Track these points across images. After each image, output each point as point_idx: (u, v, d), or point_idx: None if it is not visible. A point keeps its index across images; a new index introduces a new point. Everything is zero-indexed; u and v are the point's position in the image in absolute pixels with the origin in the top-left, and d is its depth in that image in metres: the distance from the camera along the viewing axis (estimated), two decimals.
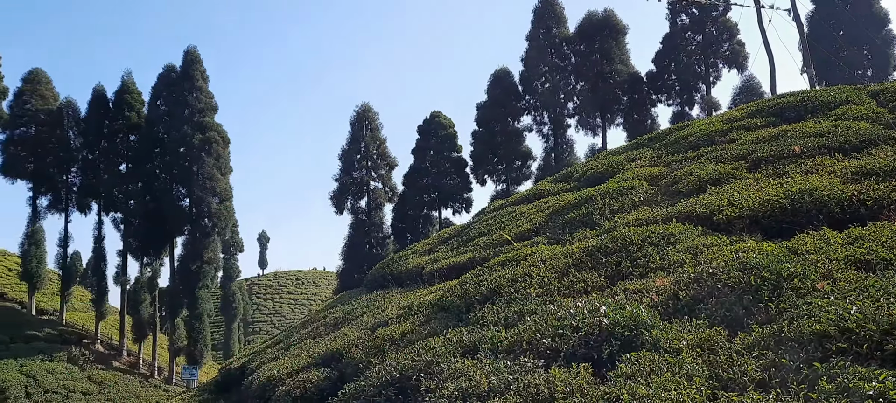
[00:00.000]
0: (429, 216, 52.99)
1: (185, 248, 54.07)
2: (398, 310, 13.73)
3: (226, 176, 55.23)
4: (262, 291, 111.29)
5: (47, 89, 61.58)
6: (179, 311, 52.91)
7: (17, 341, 48.57)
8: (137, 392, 46.12)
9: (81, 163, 59.48)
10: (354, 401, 9.26)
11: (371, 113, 54.85)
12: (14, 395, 40.43)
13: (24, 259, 57.19)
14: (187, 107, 54.65)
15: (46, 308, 58.86)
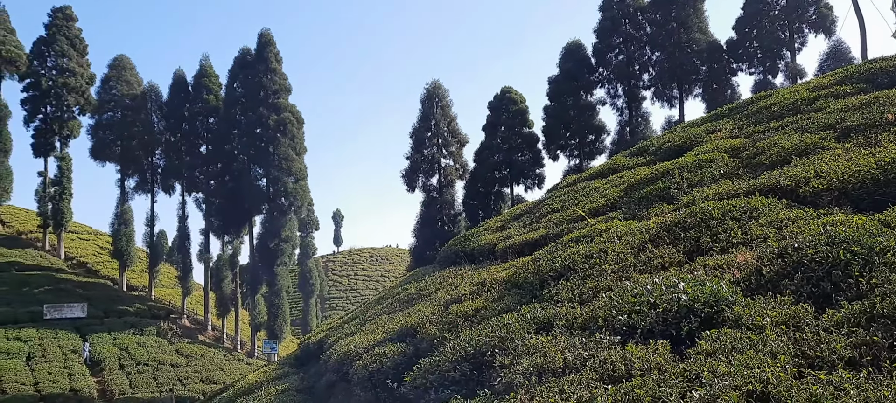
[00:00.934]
0: (500, 192, 52.79)
1: (263, 227, 55.77)
2: (471, 287, 13.75)
3: (300, 155, 56.47)
4: (338, 268, 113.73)
5: (132, 75, 64.30)
6: (259, 288, 54.68)
7: (111, 315, 51.31)
8: (222, 364, 48.04)
9: (164, 145, 61.99)
10: (430, 376, 9.34)
11: (441, 90, 54.85)
12: (109, 367, 42.81)
13: (114, 238, 60.24)
14: (262, 88, 56.02)
15: (136, 284, 61.90)
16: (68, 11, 65.83)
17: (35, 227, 66.13)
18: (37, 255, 60.22)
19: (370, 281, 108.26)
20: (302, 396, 14.49)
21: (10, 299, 49.37)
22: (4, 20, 67.54)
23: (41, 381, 39.11)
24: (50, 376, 39.81)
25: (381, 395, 10.89)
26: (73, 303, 50.21)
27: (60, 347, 43.88)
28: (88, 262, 63.95)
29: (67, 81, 63.58)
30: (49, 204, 61.55)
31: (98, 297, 53.86)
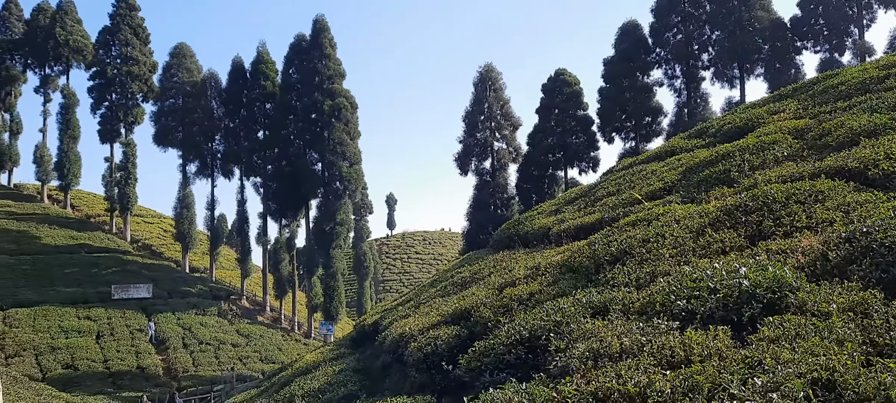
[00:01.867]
0: (554, 176, 52.34)
1: (318, 210, 56.68)
2: (525, 271, 13.71)
3: (354, 140, 57.04)
4: (391, 251, 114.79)
5: (192, 62, 65.93)
6: (315, 270, 55.66)
7: (174, 296, 53.03)
8: (280, 344, 49.18)
9: (224, 131, 63.46)
10: (484, 359, 9.38)
11: (494, 73, 54.58)
12: (173, 345, 44.31)
13: (177, 221, 62.13)
14: (317, 74, 56.70)
15: (198, 266, 63.75)
16: (131, 1, 67.71)
17: (103, 211, 68.66)
18: (105, 238, 62.58)
19: (423, 264, 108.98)
20: (358, 376, 14.73)
21: (81, 280, 51.48)
22: (71, 11, 69.98)
23: (110, 358, 40.75)
24: (118, 353, 41.44)
25: (436, 377, 10.98)
26: (139, 284, 52.08)
27: (127, 326, 45.60)
28: (153, 244, 66.14)
29: (131, 69, 65.57)
30: (115, 188, 63.79)
31: (162, 278, 55.71)
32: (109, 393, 34.60)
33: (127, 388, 36.79)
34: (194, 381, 39.47)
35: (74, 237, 59.94)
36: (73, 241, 58.85)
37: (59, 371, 37.93)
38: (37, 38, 68.34)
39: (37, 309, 44.43)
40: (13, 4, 72.72)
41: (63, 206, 69.01)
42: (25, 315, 43.30)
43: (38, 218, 61.82)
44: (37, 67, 70.76)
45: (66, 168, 65.18)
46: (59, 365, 38.58)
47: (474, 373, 9.57)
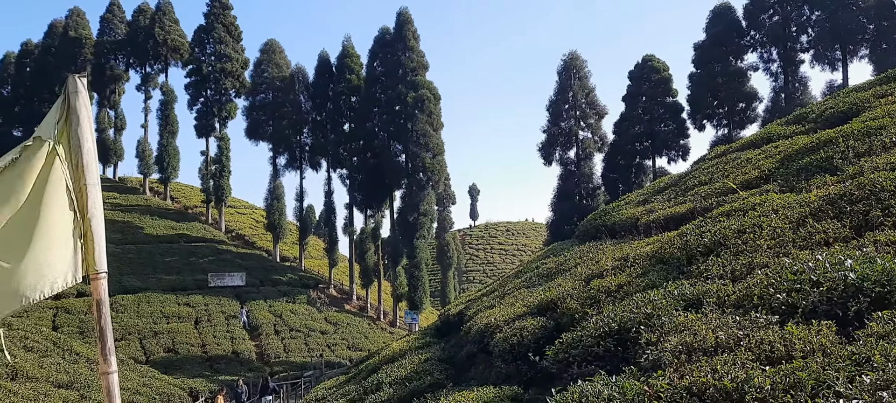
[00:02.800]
0: (641, 165, 51.12)
1: (402, 201, 57.41)
2: (613, 262, 13.44)
3: (437, 131, 57.40)
4: (475, 242, 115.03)
5: (281, 58, 67.91)
6: (400, 260, 56.45)
7: (266, 284, 54.96)
8: (366, 332, 50.21)
9: (311, 124, 65.12)
10: (572, 351, 9.26)
11: (579, 61, 53.72)
12: (265, 331, 45.97)
13: (268, 212, 64.29)
14: (400, 66, 57.32)
15: (288, 255, 65.79)
16: (224, 0, 70.32)
17: (199, 202, 71.82)
18: (201, 228, 65.48)
19: (506, 254, 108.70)
20: (443, 365, 14.83)
21: (180, 268, 54.09)
22: (169, 11, 73.38)
23: (207, 343, 42.68)
24: (214, 339, 43.34)
25: (522, 368, 10.92)
26: (233, 272, 54.27)
27: (223, 312, 47.61)
28: (246, 234, 68.72)
29: (224, 66, 68.15)
30: (211, 181, 66.60)
31: (254, 267, 57.84)
32: (207, 376, 36.24)
33: (223, 372, 38.42)
34: (285, 366, 40.82)
35: (174, 227, 62.99)
36: (172, 231, 61.85)
37: (161, 354, 40.04)
38: (138, 39, 72.05)
39: (140, 295, 47.01)
40: (116, 7, 76.93)
41: (163, 198, 72.60)
42: (130, 301, 45.85)
43: (140, 210, 65.26)
44: (138, 66, 74.67)
45: (166, 162, 68.57)
46: (161, 349, 40.71)
47: (562, 365, 9.46)
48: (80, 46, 75.38)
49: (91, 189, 3.69)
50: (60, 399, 19.26)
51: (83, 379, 21.97)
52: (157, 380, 29.01)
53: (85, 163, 3.69)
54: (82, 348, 26.73)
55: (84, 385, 21.42)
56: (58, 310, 42.11)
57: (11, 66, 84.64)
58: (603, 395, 6.88)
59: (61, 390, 20.25)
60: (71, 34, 76.05)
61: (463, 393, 10.22)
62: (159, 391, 26.81)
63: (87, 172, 3.68)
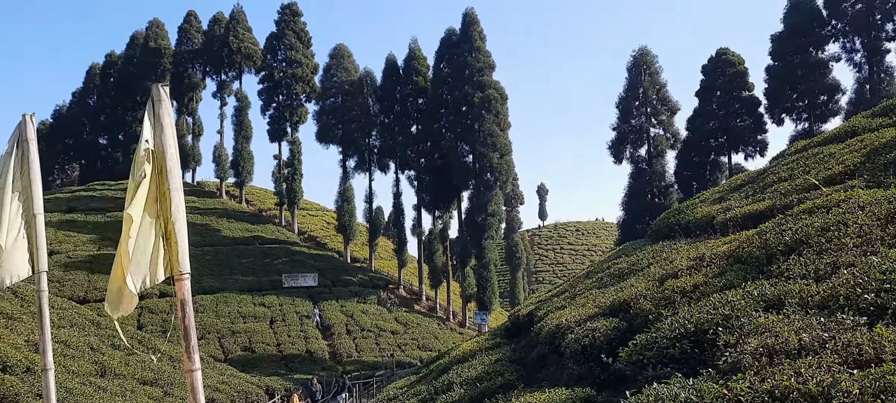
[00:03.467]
0: (716, 162, 49.65)
1: (470, 202, 57.44)
2: (688, 262, 13.10)
3: (505, 131, 57.21)
4: (543, 242, 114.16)
5: (349, 62, 69.03)
6: (468, 261, 56.52)
7: (337, 285, 55.96)
8: (436, 333, 50.49)
9: (379, 126, 65.92)
10: (646, 352, 9.07)
11: (649, 56, 52.61)
12: (337, 331, 46.81)
13: (338, 214, 65.45)
14: (467, 67, 57.37)
15: (358, 256, 66.82)
16: (294, 7, 72.05)
17: (273, 205, 73.76)
18: (275, 230, 67.22)
19: (576, 255, 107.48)
20: (514, 366, 14.77)
21: (255, 269, 55.67)
22: (242, 20, 75.65)
23: (282, 342, 43.77)
24: (289, 338, 44.41)
25: (595, 369, 10.77)
26: (306, 273, 55.48)
27: (296, 312, 48.74)
28: (317, 236, 70.18)
29: (295, 72, 69.78)
30: (283, 184, 68.31)
31: (326, 268, 58.98)
32: (282, 375, 37.14)
33: (297, 371, 39.32)
34: (357, 366, 41.46)
35: (249, 229, 64.88)
36: (248, 233, 63.71)
37: (238, 352, 41.29)
38: (213, 47, 74.57)
39: (218, 295, 48.60)
40: (193, 17, 79.83)
41: (238, 201, 74.88)
42: (209, 301, 47.45)
43: (217, 213, 67.46)
44: (213, 74, 77.29)
45: (241, 166, 70.74)
46: (238, 348, 41.99)
47: (635, 367, 9.28)
48: (159, 56, 78.59)
49: (174, 193, 3.84)
50: (145, 395, 20.10)
51: (166, 377, 22.87)
52: (235, 378, 29.92)
53: (168, 169, 3.84)
54: (165, 346, 27.82)
55: (167, 383, 22.29)
56: (142, 310, 43.97)
57: (97, 77, 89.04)
58: (680, 398, 6.71)
59: (146, 387, 21.12)
60: (151, 45, 79.39)
61: (534, 395, 10.15)
62: (238, 388, 27.63)
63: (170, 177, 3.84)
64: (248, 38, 74.10)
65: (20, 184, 4.24)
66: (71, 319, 23.39)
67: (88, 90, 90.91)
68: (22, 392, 15.15)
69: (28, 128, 4.36)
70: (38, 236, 4.18)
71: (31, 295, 22.49)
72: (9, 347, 17.33)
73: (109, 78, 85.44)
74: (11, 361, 16.46)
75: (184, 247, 3.85)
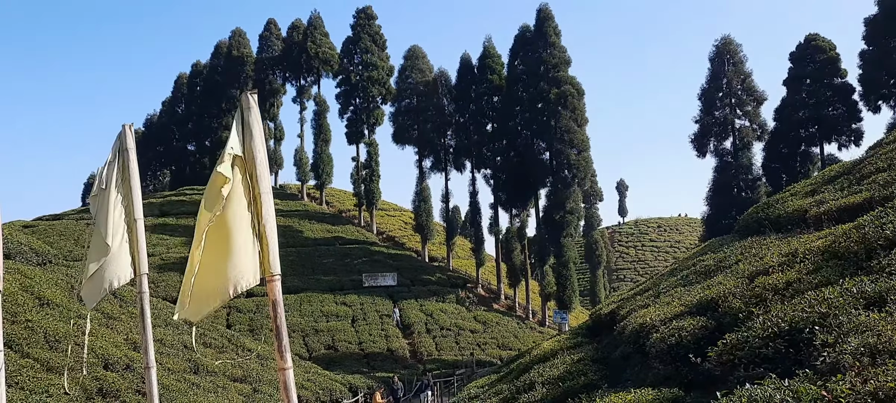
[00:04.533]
0: (807, 153, 47.44)
1: (547, 199, 56.88)
2: (779, 257, 12.58)
3: (582, 127, 56.41)
4: (624, 239, 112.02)
5: (424, 63, 69.58)
6: (547, 259, 56.01)
7: (416, 284, 56.53)
8: (515, 332, 50.30)
9: (454, 126, 66.17)
10: (737, 352, 8.76)
11: (733, 46, 50.79)
12: (417, 330, 47.30)
13: (415, 214, 66.08)
14: (542, 63, 56.86)
15: (435, 255, 67.29)
16: (369, 11, 73.20)
17: (352, 206, 75.18)
18: (354, 230, 68.50)
19: (658, 252, 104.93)
20: (597, 366, 14.55)
21: (336, 268, 56.89)
22: (319, 25, 77.42)
23: (364, 341, 44.57)
24: (370, 336, 45.18)
25: (682, 369, 10.48)
26: (385, 273, 56.31)
27: (377, 311, 49.53)
28: (395, 236, 71.10)
29: (371, 75, 70.87)
30: (362, 185, 69.51)
31: (405, 267, 59.67)
32: (364, 372, 37.82)
33: (379, 369, 39.95)
34: (437, 364, 41.77)
35: (329, 230, 66.35)
36: (328, 234, 65.17)
37: (322, 351, 42.29)
38: (292, 54, 76.61)
39: (302, 295, 49.92)
40: (273, 25, 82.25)
41: (319, 203, 76.67)
42: (293, 300, 48.79)
43: (299, 215, 69.28)
44: (293, 79, 79.39)
45: (321, 168, 72.42)
46: (321, 346, 43.02)
47: (725, 367, 8.99)
48: (242, 64, 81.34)
49: (264, 197, 3.96)
50: (236, 391, 20.84)
51: (255, 374, 23.65)
52: (319, 376, 30.64)
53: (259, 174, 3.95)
54: (253, 344, 28.78)
55: (256, 379, 23.05)
56: (231, 310, 45.62)
57: (184, 85, 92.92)
58: (774, 399, 6.46)
59: (236, 383, 21.91)
60: (234, 53, 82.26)
61: (620, 395, 9.96)
62: (322, 386, 28.28)
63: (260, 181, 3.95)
64: (325, 43, 75.75)
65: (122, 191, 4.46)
66: (165, 318, 24.50)
67: (177, 99, 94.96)
68: (123, 388, 15.96)
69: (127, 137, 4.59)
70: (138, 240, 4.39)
71: (129, 296, 23.70)
72: (110, 345, 18.30)
73: (196, 86, 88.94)
74: (112, 359, 17.37)
75: (274, 249, 3.96)
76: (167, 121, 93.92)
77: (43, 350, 15.73)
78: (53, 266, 24.82)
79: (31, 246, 24.97)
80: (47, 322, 17.14)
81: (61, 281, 22.28)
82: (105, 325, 20.35)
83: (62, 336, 16.71)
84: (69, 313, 18.90)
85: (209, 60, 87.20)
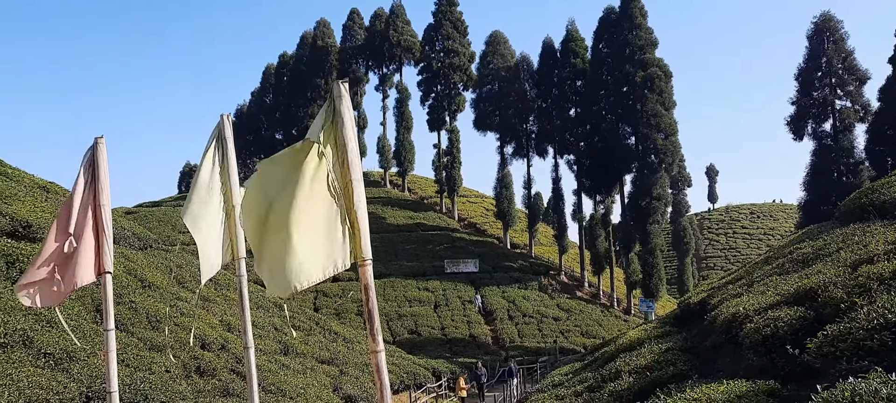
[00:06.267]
0: None
1: (633, 185, 55.65)
2: (885, 246, 11.86)
3: (669, 110, 54.86)
4: (713, 226, 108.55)
5: (505, 48, 69.25)
6: (632, 246, 54.89)
7: (498, 271, 56.55)
8: (599, 320, 49.61)
9: (537, 111, 65.64)
10: (839, 344, 8.33)
11: (832, 23, 48.11)
12: (499, 316, 47.35)
13: (497, 200, 66.02)
14: (627, 46, 55.57)
15: (517, 242, 67.09)
16: None
17: (433, 192, 75.83)
18: (436, 217, 69.08)
19: (751, 239, 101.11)
20: (686, 356, 14.15)
21: (418, 254, 57.56)
22: (401, 14, 78.14)
23: (446, 326, 44.98)
24: (452, 322, 45.55)
25: (778, 361, 10.06)
26: (467, 259, 56.58)
27: (459, 297, 49.87)
28: (477, 222, 71.28)
29: (453, 62, 71.09)
30: (443, 171, 69.97)
31: (486, 254, 59.77)
32: (447, 357, 38.18)
33: (461, 354, 40.25)
34: (519, 351, 41.70)
35: (411, 217, 67.17)
36: (410, 221, 65.99)
37: (405, 335, 42.96)
38: (375, 42, 77.73)
39: (385, 280, 50.79)
40: (356, 15, 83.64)
41: (401, 190, 77.70)
42: (377, 285, 49.53)
43: (382, 201, 70.44)
44: (375, 68, 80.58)
45: (403, 156, 73.35)
46: (405, 331, 43.69)
47: (826, 359, 8.57)
48: (326, 54, 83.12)
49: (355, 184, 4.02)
50: (323, 372, 21.44)
51: (342, 356, 24.26)
52: (403, 360, 31.15)
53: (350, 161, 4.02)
54: (339, 328, 29.52)
55: (343, 362, 23.65)
56: (318, 294, 46.91)
57: (272, 76, 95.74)
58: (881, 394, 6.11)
59: (324, 365, 22.54)
60: (319, 44, 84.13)
61: (712, 386, 9.65)
62: (406, 369, 28.75)
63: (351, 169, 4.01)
64: (407, 31, 76.42)
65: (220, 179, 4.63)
66: (256, 301, 25.42)
67: (265, 89, 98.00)
68: (219, 367, 16.68)
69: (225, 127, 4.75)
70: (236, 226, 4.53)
71: (223, 279, 24.71)
72: (206, 326, 19.15)
73: (283, 77, 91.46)
74: (209, 339, 18.17)
75: (366, 235, 4.01)
76: (256, 110, 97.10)
77: (145, 329, 16.61)
78: (153, 250, 26.14)
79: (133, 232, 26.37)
80: (149, 303, 18.08)
81: (161, 265, 23.46)
82: (203, 307, 21.30)
83: (163, 316, 17.61)
84: (169, 295, 19.89)
85: (295, 51, 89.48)
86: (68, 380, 12.06)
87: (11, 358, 11.79)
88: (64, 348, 12.97)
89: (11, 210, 17.46)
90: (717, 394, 9.20)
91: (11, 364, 11.55)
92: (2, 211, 17.12)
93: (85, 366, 12.76)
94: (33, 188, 21.66)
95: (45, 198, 20.85)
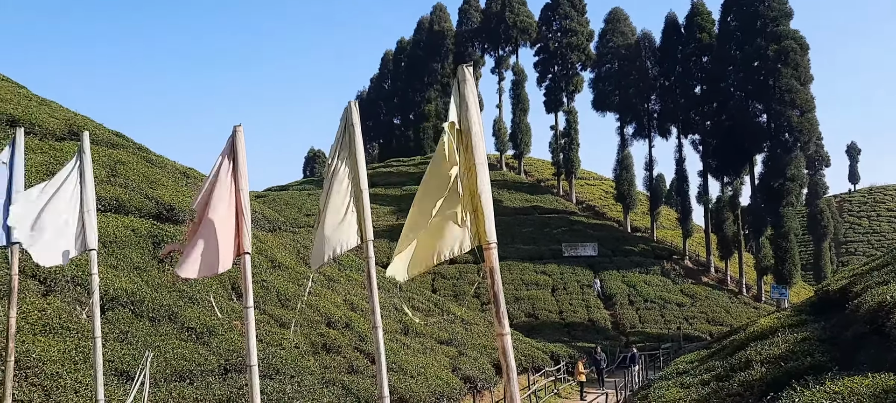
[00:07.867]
0: None
1: (764, 166, 52.58)
2: None
3: (806, 85, 51.39)
4: (854, 208, 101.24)
5: (625, 26, 67.28)
6: (763, 230, 52.02)
7: (617, 255, 55.29)
8: (727, 307, 47.50)
9: (659, 90, 63.38)
10: None
11: None
12: (619, 302, 46.38)
13: (616, 182, 64.42)
14: (758, 17, 52.43)
15: (638, 226, 65.28)
16: None
17: (550, 175, 75.04)
18: (553, 200, 68.38)
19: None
20: (824, 346, 13.26)
21: (535, 238, 57.22)
22: None
23: (564, 310, 44.57)
24: (570, 306, 45.06)
25: None
26: (585, 243, 55.69)
27: (577, 281, 49.21)
28: (595, 205, 69.95)
29: (570, 41, 69.87)
30: (560, 154, 69.05)
31: (605, 237, 58.55)
32: (565, 342, 37.80)
33: (580, 339, 39.73)
34: (640, 337, 40.66)
35: (528, 200, 66.81)
36: (527, 204, 65.66)
37: (522, 318, 42.91)
38: (491, 24, 77.53)
39: (502, 263, 50.03)
40: None
41: (517, 173, 77.40)
42: None
43: (498, 184, 70.49)
44: (491, 50, 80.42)
45: (519, 138, 73.01)
46: (522, 314, 43.65)
47: None
48: (442, 38, 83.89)
49: (480, 168, 4.02)
50: (443, 353, 21.81)
51: (460, 337, 24.56)
52: (521, 343, 31.10)
53: (474, 145, 4.01)
54: (457, 309, 29.88)
55: (461, 343, 23.94)
56: (435, 276, 47.70)
57: (390, 62, 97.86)
58: None
59: (443, 345, 22.91)
60: (435, 28, 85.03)
61: (855, 379, 9.01)
62: (524, 353, 28.69)
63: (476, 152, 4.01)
64: (523, 12, 75.72)
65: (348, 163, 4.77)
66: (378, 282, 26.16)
67: (383, 75, 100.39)
68: (343, 345, 17.35)
69: (352, 113, 4.89)
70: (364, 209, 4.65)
71: (347, 260, 25.59)
72: (331, 305, 19.93)
73: (400, 62, 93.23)
74: (334, 317, 18.91)
75: (490, 218, 4.01)
76: (375, 96, 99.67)
77: (275, 307, 17.52)
78: (282, 232, 27.43)
79: (263, 214, 27.78)
80: (279, 282, 19.04)
81: (289, 246, 24.60)
82: (327, 287, 22.19)
83: (292, 295, 18.49)
84: (296, 275, 20.86)
85: (412, 36, 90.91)
86: (208, 353, 12.94)
87: (159, 331, 12.80)
88: (205, 323, 13.93)
89: (157, 194, 18.87)
90: (861, 388, 8.60)
91: (159, 336, 12.55)
92: (149, 195, 18.53)
93: (223, 340, 13.66)
94: (175, 173, 23.26)
95: (185, 183, 22.35)
